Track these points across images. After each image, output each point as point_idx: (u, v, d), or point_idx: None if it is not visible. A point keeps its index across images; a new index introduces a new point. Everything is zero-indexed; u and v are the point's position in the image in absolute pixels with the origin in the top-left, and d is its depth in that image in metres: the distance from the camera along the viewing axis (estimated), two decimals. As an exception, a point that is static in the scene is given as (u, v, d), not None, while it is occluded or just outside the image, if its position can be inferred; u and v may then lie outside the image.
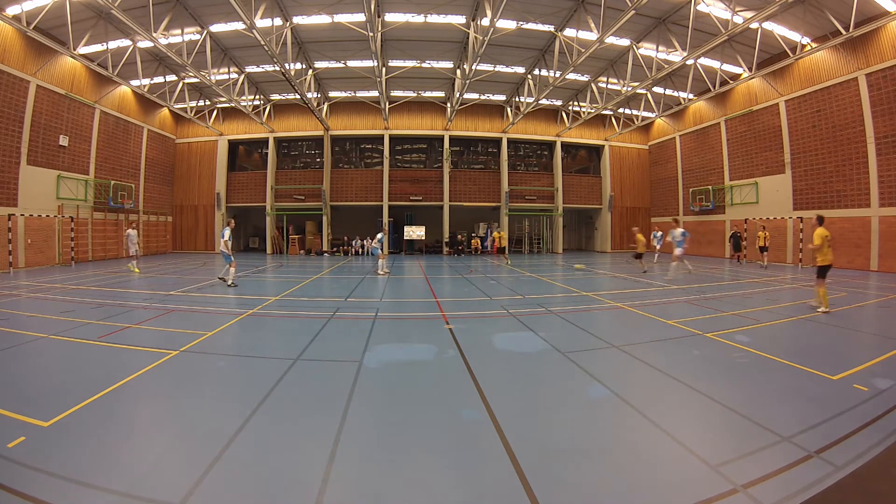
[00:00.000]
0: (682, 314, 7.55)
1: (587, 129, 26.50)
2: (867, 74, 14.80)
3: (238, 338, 6.16)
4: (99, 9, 14.06)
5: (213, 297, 9.37)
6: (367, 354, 5.23)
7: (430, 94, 24.30)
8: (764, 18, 12.78)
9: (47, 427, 3.21)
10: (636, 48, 16.94)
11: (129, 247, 14.55)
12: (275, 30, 14.49)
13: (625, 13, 12.10)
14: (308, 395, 4.00)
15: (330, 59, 19.17)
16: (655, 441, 3.14)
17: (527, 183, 26.16)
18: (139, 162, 22.09)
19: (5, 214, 14.36)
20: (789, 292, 10.41)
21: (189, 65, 15.10)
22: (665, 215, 26.30)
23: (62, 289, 10.41)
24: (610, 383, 4.22)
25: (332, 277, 13.59)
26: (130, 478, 2.59)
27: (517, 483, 2.57)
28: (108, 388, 3.98)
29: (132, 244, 14.49)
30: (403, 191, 25.01)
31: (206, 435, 3.16)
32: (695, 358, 5.13)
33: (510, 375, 4.63)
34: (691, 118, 23.96)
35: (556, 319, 7.30)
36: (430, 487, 2.59)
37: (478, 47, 14.45)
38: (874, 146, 14.78)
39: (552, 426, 3.38)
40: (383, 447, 3.04)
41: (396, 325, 7.02)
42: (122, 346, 5.46)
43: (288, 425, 3.36)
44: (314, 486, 2.54)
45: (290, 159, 26.42)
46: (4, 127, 14.59)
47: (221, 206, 24.89)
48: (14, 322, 6.78)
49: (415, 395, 4.03)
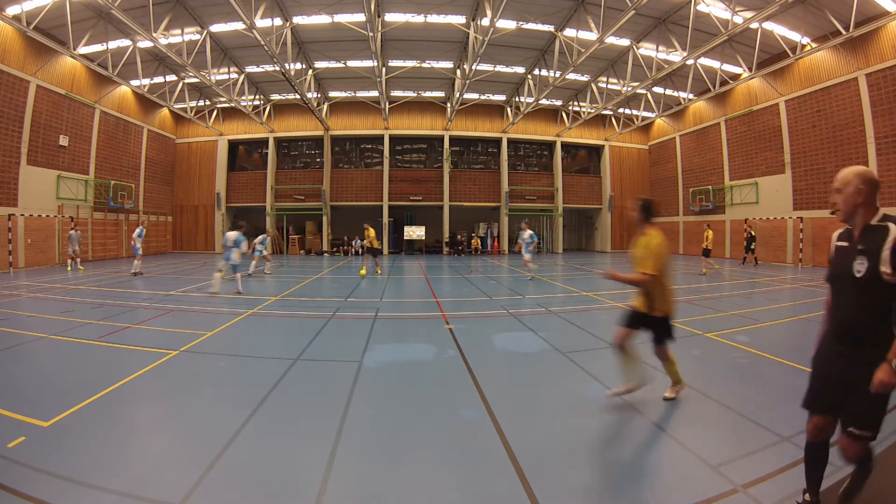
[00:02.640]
0: (681, 314, 7.54)
1: (587, 129, 26.49)
2: (867, 74, 14.80)
3: (238, 338, 6.16)
4: (99, 9, 14.06)
5: (213, 297, 9.37)
6: (368, 354, 5.23)
7: (430, 94, 24.30)
8: (764, 18, 12.77)
9: (47, 427, 3.21)
10: (636, 48, 16.93)
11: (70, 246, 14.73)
12: (275, 30, 14.48)
13: (625, 13, 12.10)
14: (308, 395, 4.00)
15: (330, 59, 19.17)
16: (655, 441, 3.14)
17: (527, 183, 26.16)
18: (139, 162, 22.08)
19: (5, 214, 14.36)
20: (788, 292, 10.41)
21: (189, 65, 15.10)
22: (665, 215, 26.29)
23: (62, 289, 10.41)
24: (610, 383, 4.21)
25: (333, 277, 13.60)
26: (130, 478, 2.59)
27: (517, 483, 2.57)
28: (108, 388, 3.98)
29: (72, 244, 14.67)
30: (403, 191, 25.01)
31: (206, 435, 3.17)
32: (695, 358, 5.13)
33: (510, 375, 4.63)
34: (691, 118, 23.95)
35: (556, 319, 7.31)
36: (430, 487, 2.59)
37: (478, 47, 14.45)
38: (874, 146, 14.77)
39: (552, 426, 3.38)
40: (383, 447, 3.04)
41: (396, 325, 7.02)
42: (122, 346, 5.46)
43: (288, 425, 3.36)
44: (314, 486, 2.54)
45: (290, 159, 26.41)
46: (4, 127, 14.59)
47: (221, 207, 24.89)
48: (14, 322, 6.78)
49: (415, 395, 4.03)
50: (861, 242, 2.01)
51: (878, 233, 1.96)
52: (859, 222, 2.05)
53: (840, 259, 2.12)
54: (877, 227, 1.98)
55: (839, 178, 2.10)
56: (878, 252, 1.91)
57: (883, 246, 1.91)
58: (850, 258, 2.02)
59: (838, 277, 2.12)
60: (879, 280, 1.90)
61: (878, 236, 1.94)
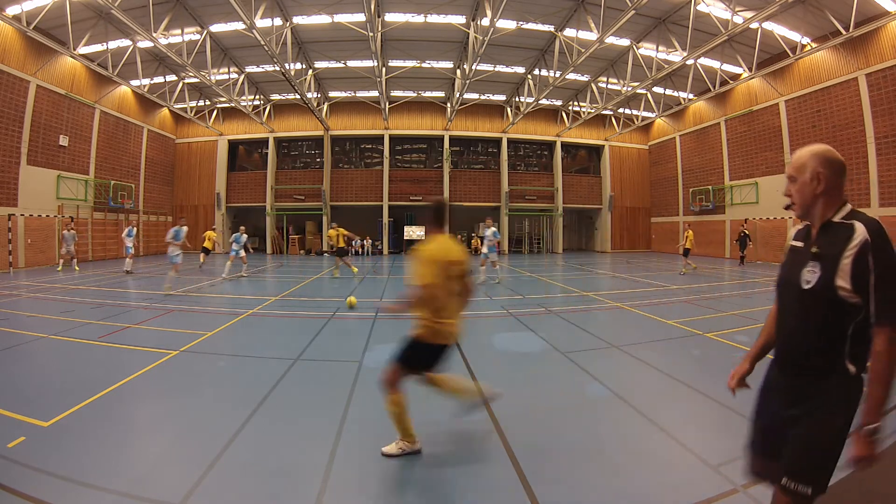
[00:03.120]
0: (681, 314, 7.55)
1: (587, 129, 26.48)
2: (867, 74, 14.79)
3: (238, 338, 6.16)
4: (99, 9, 14.05)
5: (213, 297, 9.37)
6: (368, 354, 5.23)
7: (430, 94, 24.29)
8: (764, 18, 12.76)
9: (47, 427, 3.21)
10: (636, 48, 16.93)
11: (65, 246, 14.54)
12: (275, 30, 14.48)
13: (625, 13, 12.10)
14: (308, 395, 4.01)
15: (330, 59, 19.16)
16: (655, 441, 3.14)
17: (527, 183, 26.16)
18: (139, 162, 22.07)
19: (5, 214, 14.35)
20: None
21: (189, 65, 15.09)
22: (665, 215, 26.31)
23: (62, 289, 10.41)
24: (610, 383, 4.21)
25: (333, 277, 13.59)
26: (130, 478, 2.59)
27: (517, 483, 2.57)
28: (108, 388, 3.98)
29: (67, 244, 14.50)
30: (403, 191, 25.00)
31: (206, 435, 3.17)
32: (695, 358, 5.13)
33: (510, 375, 4.63)
34: (691, 118, 23.95)
35: (556, 319, 7.31)
36: (430, 487, 2.59)
37: (478, 47, 14.45)
38: (874, 146, 14.77)
39: (552, 426, 3.38)
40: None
41: (397, 325, 7.02)
42: (122, 346, 5.46)
43: (288, 425, 3.36)
44: (314, 486, 2.54)
45: (290, 159, 26.40)
46: (4, 127, 14.58)
47: (221, 207, 24.88)
48: (14, 322, 6.77)
49: (414, 395, 4.02)
50: (816, 244, 1.54)
51: (839, 233, 1.48)
52: (818, 218, 1.58)
53: (790, 263, 1.66)
54: (839, 226, 1.51)
55: (793, 162, 1.62)
56: (835, 259, 1.44)
57: (843, 251, 1.43)
58: (801, 264, 1.57)
59: (784, 287, 1.66)
60: (834, 296, 1.44)
61: (840, 238, 1.46)
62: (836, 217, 1.53)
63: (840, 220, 1.51)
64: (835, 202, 1.54)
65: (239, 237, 13.31)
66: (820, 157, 1.56)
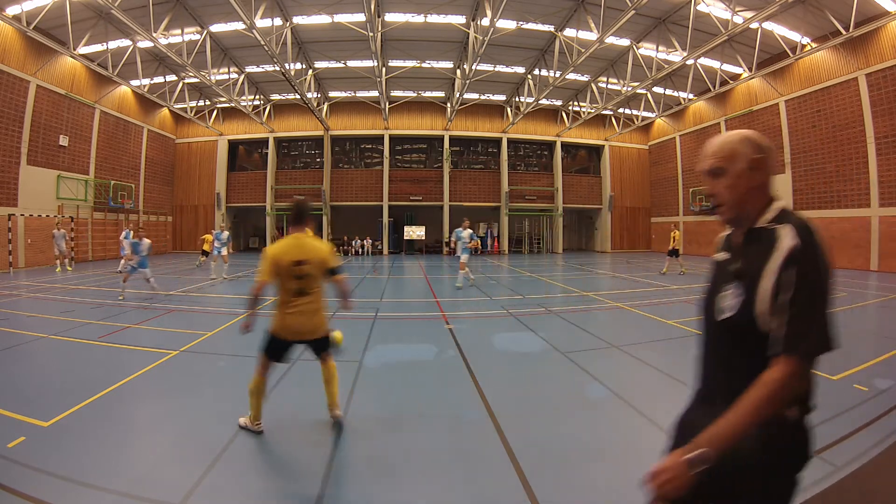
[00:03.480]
0: (681, 314, 7.54)
1: (587, 129, 26.49)
2: (867, 74, 14.80)
3: (238, 337, 6.13)
4: (99, 9, 14.05)
5: (213, 297, 9.37)
6: (367, 354, 5.23)
7: (430, 94, 24.29)
8: (764, 18, 12.76)
9: (47, 427, 3.21)
10: (636, 48, 16.93)
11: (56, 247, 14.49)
12: (275, 30, 14.48)
13: (625, 13, 12.10)
14: (308, 394, 4.00)
15: (330, 59, 19.16)
16: (656, 441, 3.14)
17: (527, 183, 26.16)
18: (139, 162, 22.08)
19: (5, 214, 14.35)
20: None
21: (189, 65, 15.10)
22: (665, 215, 26.29)
23: (62, 289, 10.41)
24: (610, 383, 4.21)
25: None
26: (130, 478, 2.59)
27: (517, 483, 2.57)
28: (108, 388, 3.98)
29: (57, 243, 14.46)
30: (403, 191, 25.00)
31: (206, 435, 3.17)
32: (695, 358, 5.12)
33: (510, 375, 4.63)
34: (691, 118, 23.95)
35: (556, 319, 7.31)
36: (430, 487, 2.59)
37: (478, 47, 14.45)
38: (874, 146, 14.77)
39: (552, 426, 3.38)
40: (383, 447, 3.04)
41: (396, 324, 7.02)
42: (122, 346, 5.46)
43: (288, 425, 3.36)
44: (314, 486, 2.54)
45: (290, 159, 26.41)
46: (4, 127, 14.58)
47: (221, 207, 24.88)
48: (14, 322, 6.77)
49: (414, 395, 4.03)
50: (739, 258, 1.23)
51: (762, 241, 1.16)
52: (749, 221, 1.24)
53: (710, 283, 1.34)
54: (762, 233, 1.18)
55: (717, 151, 1.30)
56: (755, 278, 1.13)
57: (765, 266, 1.11)
58: (719, 286, 1.26)
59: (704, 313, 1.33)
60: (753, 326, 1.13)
61: (763, 248, 1.14)
62: (759, 221, 1.21)
63: (765, 224, 1.19)
64: (762, 201, 1.23)
65: (220, 234, 13.13)
66: (752, 141, 1.24)
